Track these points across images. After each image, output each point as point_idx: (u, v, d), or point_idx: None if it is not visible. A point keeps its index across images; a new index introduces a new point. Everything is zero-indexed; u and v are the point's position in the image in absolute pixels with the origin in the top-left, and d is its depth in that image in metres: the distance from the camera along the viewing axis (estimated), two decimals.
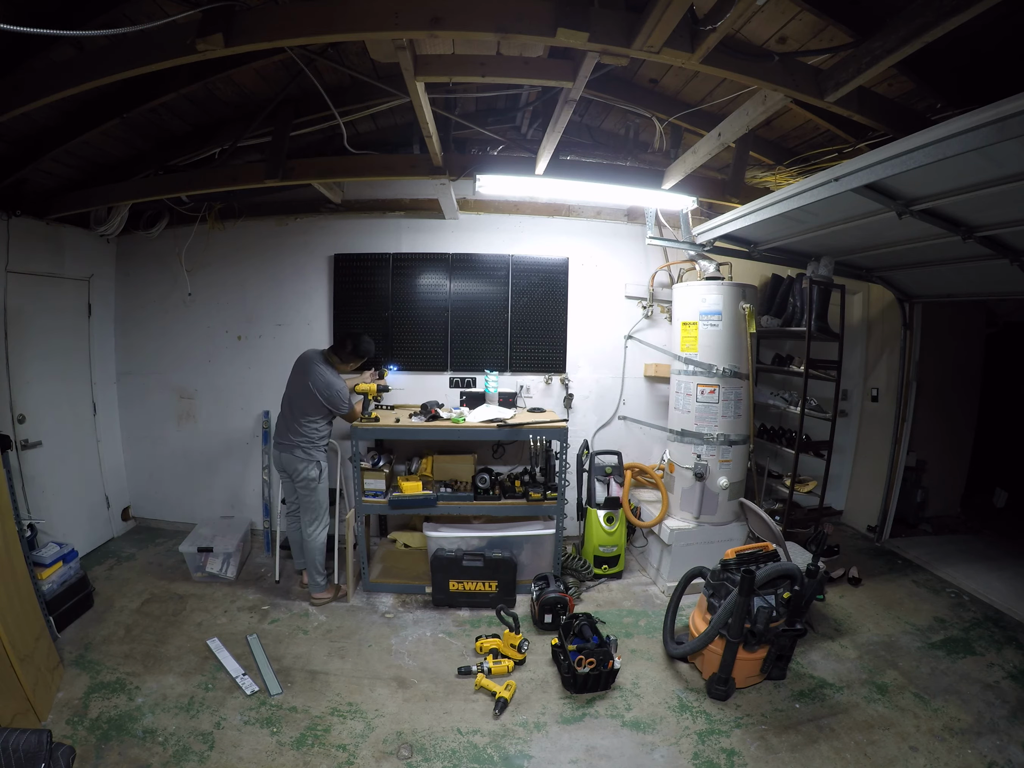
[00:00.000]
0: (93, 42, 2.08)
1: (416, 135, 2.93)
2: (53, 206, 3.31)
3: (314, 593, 3.14)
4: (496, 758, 2.09)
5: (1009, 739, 2.16)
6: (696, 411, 3.33)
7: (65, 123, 2.71)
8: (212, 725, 2.19)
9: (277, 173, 2.90)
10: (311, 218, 3.90)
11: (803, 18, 2.05)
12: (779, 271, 3.81)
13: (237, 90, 2.82)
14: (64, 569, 2.88)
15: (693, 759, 2.10)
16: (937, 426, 4.33)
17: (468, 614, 3.09)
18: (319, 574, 3.12)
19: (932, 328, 4.07)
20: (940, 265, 3.16)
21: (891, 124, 2.32)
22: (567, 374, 4.03)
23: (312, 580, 3.13)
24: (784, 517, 3.39)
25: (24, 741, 1.50)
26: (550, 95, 2.79)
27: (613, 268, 4.03)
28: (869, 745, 2.15)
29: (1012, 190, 1.96)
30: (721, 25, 1.61)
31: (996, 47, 2.02)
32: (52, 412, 3.44)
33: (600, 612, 3.03)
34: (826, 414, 3.46)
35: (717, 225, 3.28)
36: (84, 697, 2.32)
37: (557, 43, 1.78)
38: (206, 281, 3.95)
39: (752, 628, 2.35)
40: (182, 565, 3.46)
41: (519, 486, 3.34)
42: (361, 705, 2.35)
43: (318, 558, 3.11)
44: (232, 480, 4.09)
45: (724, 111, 2.71)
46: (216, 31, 1.74)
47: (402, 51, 1.89)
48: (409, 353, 3.94)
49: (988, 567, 3.64)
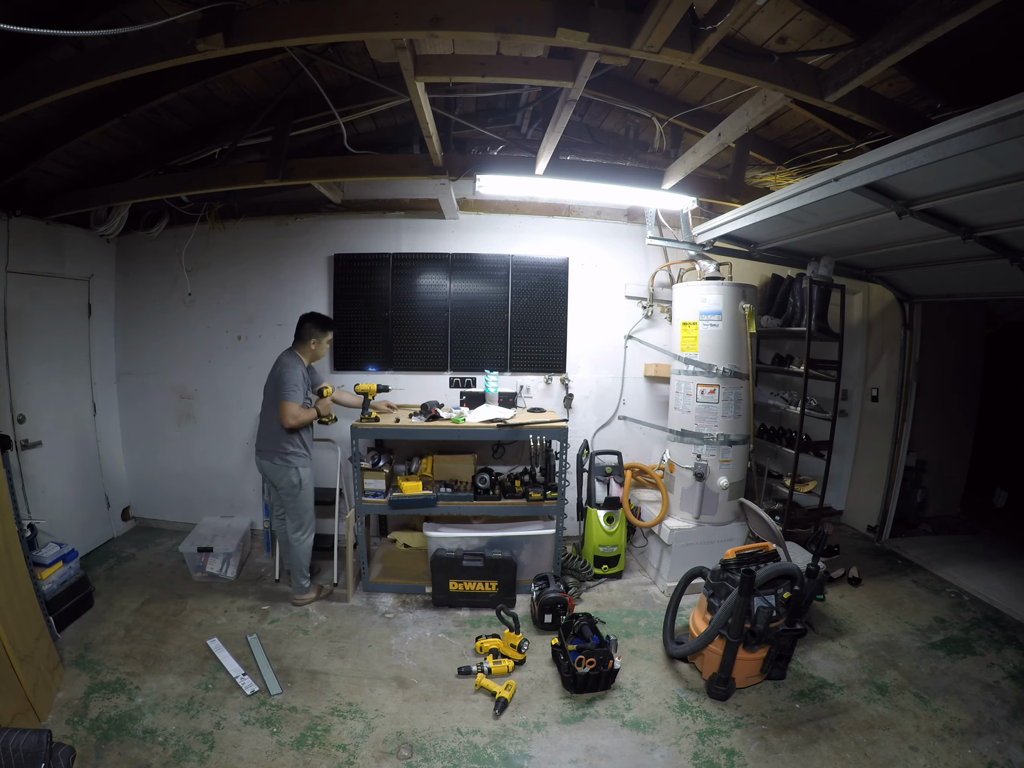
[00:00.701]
0: (93, 42, 2.08)
1: (416, 135, 2.93)
2: (53, 206, 3.31)
3: (297, 595, 3.13)
4: (496, 758, 2.09)
5: (1009, 739, 2.16)
6: (696, 411, 3.33)
7: (65, 123, 2.71)
8: (212, 725, 2.19)
9: (277, 173, 2.90)
10: (311, 218, 3.90)
11: (803, 18, 2.05)
12: (779, 271, 3.81)
13: (237, 90, 2.82)
14: (64, 569, 2.88)
15: (693, 759, 2.10)
16: (937, 426, 4.33)
17: (468, 614, 3.09)
18: (304, 577, 3.12)
19: (932, 328, 4.07)
20: (940, 265, 3.16)
21: (891, 124, 2.32)
22: (567, 374, 4.03)
23: (296, 583, 3.12)
24: (784, 517, 3.39)
25: (24, 741, 1.50)
26: (550, 95, 2.79)
27: (613, 268, 4.03)
28: (869, 745, 2.15)
29: (1012, 190, 1.96)
30: (721, 25, 1.61)
31: (996, 47, 2.02)
32: (52, 412, 3.44)
33: (600, 612, 3.03)
34: (826, 414, 3.46)
35: (717, 225, 3.28)
36: (84, 697, 2.32)
37: (557, 43, 1.79)
38: (206, 281, 3.95)
39: (752, 628, 2.35)
40: (182, 565, 3.46)
41: (519, 486, 3.34)
42: (361, 705, 2.35)
43: (303, 562, 3.10)
44: (232, 480, 4.09)
45: (724, 111, 2.71)
46: (216, 31, 1.74)
47: (402, 51, 1.89)
48: (409, 353, 3.95)
49: (988, 567, 3.63)
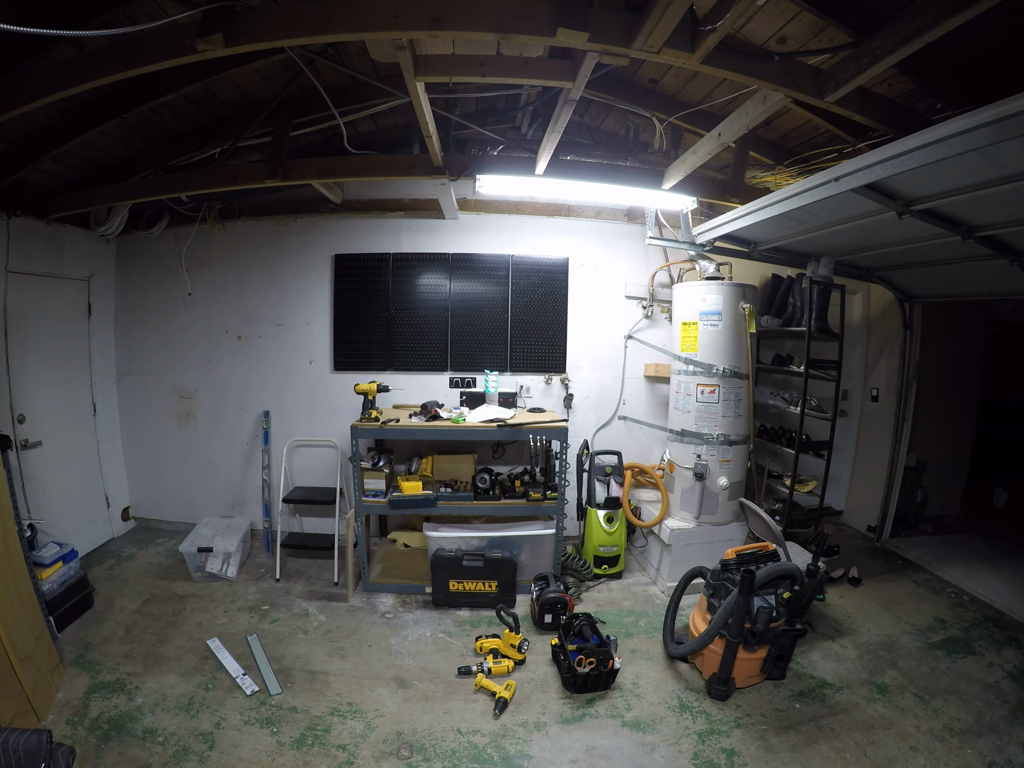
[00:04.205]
0: (93, 42, 2.08)
1: (416, 135, 2.94)
2: (53, 206, 3.31)
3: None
4: (496, 758, 2.09)
5: (1009, 739, 2.16)
6: (696, 411, 3.33)
7: (65, 123, 2.71)
8: (212, 725, 2.19)
9: (277, 173, 2.90)
10: (311, 218, 3.90)
11: (803, 18, 2.05)
12: (779, 271, 3.81)
13: (237, 90, 2.82)
14: (64, 569, 2.88)
15: (693, 759, 2.10)
16: (937, 426, 4.33)
17: (468, 614, 3.09)
18: None
19: (932, 328, 4.06)
20: (940, 265, 3.16)
21: (891, 124, 2.32)
22: (567, 374, 4.03)
23: None
24: (784, 517, 3.39)
25: (24, 741, 1.50)
26: (550, 95, 2.79)
27: (613, 268, 4.03)
28: (869, 745, 2.15)
29: (1012, 190, 1.96)
30: (721, 25, 1.61)
31: (996, 47, 2.02)
32: (52, 412, 3.44)
33: (600, 612, 3.03)
34: (826, 414, 3.46)
35: (717, 225, 3.28)
36: (84, 697, 2.31)
37: (557, 43, 1.79)
38: (206, 281, 3.95)
39: (752, 628, 2.35)
40: (182, 565, 3.46)
41: (519, 486, 3.34)
42: (361, 705, 2.35)
43: None
44: (232, 480, 4.08)
45: (724, 111, 2.71)
46: (216, 31, 1.75)
47: (402, 51, 1.90)
48: (409, 353, 3.94)
49: (988, 567, 3.63)
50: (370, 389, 3.25)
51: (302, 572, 3.57)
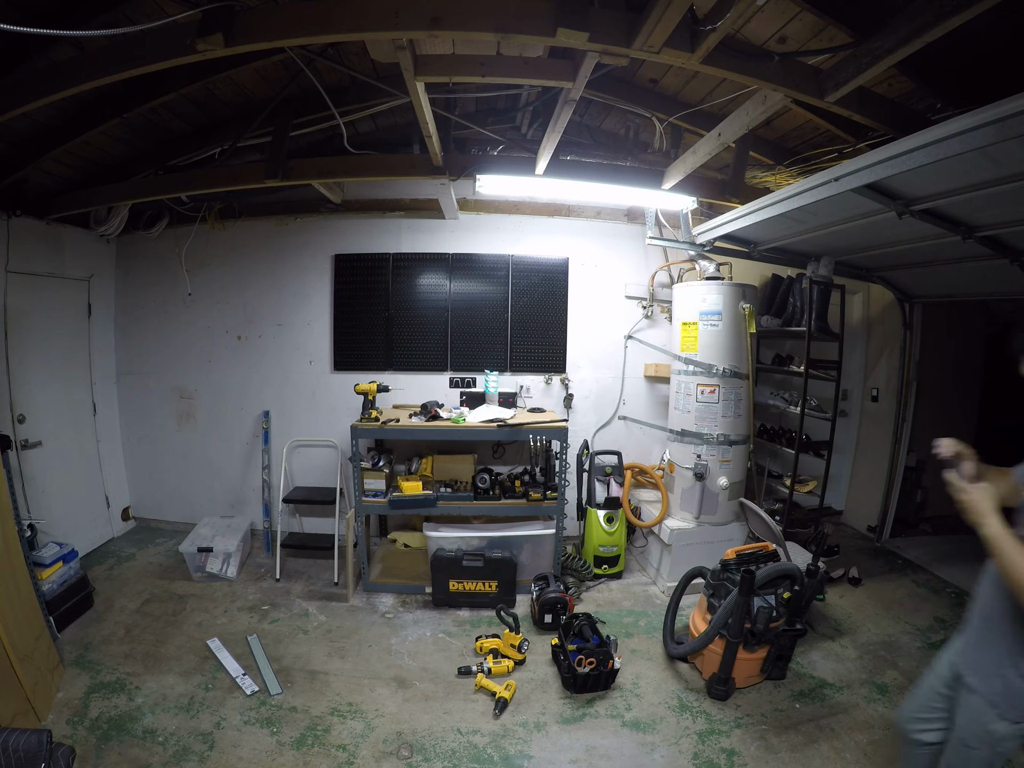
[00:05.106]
0: (93, 42, 2.08)
1: (416, 135, 2.93)
2: (53, 206, 3.31)
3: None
4: (496, 758, 2.09)
5: None
6: (696, 411, 3.33)
7: (65, 123, 2.71)
8: (212, 725, 2.19)
9: (277, 173, 2.90)
10: (311, 218, 3.90)
11: (803, 18, 2.05)
12: (779, 271, 3.81)
13: (237, 90, 2.82)
14: (64, 569, 2.88)
15: (693, 759, 2.10)
16: (937, 426, 4.32)
17: (468, 614, 3.09)
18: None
19: (932, 328, 4.06)
20: (940, 265, 3.16)
21: (891, 124, 2.32)
22: (567, 374, 4.03)
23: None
24: (784, 517, 3.39)
25: (24, 741, 1.50)
26: (550, 95, 2.79)
27: (613, 268, 4.03)
28: (869, 745, 2.15)
29: (1012, 190, 1.96)
30: (721, 25, 1.61)
31: (996, 47, 2.02)
32: (52, 412, 3.44)
33: (600, 612, 3.03)
34: (826, 414, 3.46)
35: (717, 225, 3.28)
36: (84, 697, 2.31)
37: (557, 43, 1.78)
38: (206, 281, 3.95)
39: (752, 628, 2.35)
40: (182, 565, 3.46)
41: (519, 486, 3.34)
42: (361, 705, 2.35)
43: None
44: (232, 480, 4.08)
45: (724, 111, 2.71)
46: (216, 31, 1.75)
47: (402, 51, 1.89)
48: (409, 353, 3.94)
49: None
50: (370, 389, 3.25)
51: (302, 572, 3.57)
